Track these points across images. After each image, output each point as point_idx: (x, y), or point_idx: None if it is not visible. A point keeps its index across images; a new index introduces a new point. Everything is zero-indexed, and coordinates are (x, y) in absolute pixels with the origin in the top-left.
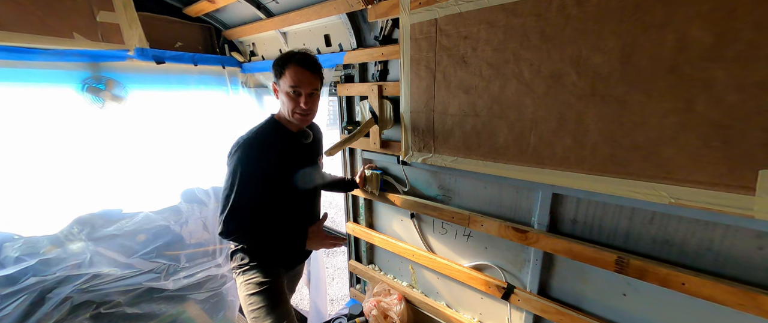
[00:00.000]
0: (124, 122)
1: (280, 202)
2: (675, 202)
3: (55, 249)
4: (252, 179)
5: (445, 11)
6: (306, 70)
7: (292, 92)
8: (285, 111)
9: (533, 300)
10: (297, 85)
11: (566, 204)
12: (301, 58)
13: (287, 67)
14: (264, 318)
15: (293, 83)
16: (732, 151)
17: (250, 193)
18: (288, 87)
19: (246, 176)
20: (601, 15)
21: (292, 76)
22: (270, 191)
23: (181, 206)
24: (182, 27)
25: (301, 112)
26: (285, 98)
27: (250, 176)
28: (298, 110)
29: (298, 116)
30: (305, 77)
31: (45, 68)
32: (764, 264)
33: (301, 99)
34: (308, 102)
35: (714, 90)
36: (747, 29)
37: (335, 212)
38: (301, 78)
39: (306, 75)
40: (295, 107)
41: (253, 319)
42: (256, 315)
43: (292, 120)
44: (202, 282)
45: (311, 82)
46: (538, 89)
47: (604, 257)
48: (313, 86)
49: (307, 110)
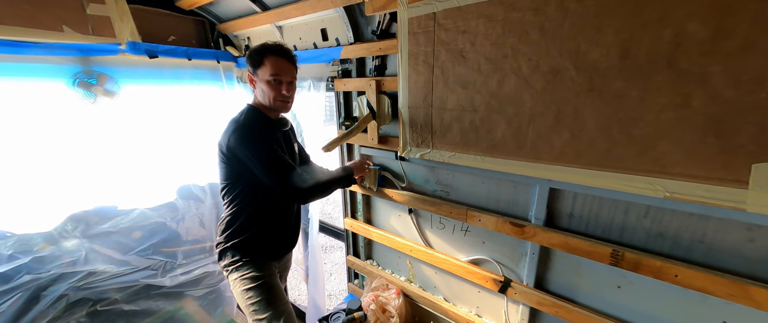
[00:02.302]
0: (118, 117)
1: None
2: (670, 196)
3: (48, 246)
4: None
5: (444, 5)
6: (285, 60)
7: (274, 80)
8: (265, 99)
9: (530, 293)
10: (278, 73)
11: (563, 199)
12: (279, 48)
13: (266, 56)
14: (263, 311)
15: (274, 71)
16: (727, 145)
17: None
18: (269, 76)
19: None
20: (600, 10)
21: (272, 65)
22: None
23: (178, 203)
24: (175, 20)
25: (282, 99)
26: (266, 87)
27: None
28: (279, 97)
29: (280, 103)
30: (285, 66)
31: (34, 62)
32: (754, 256)
33: (282, 87)
34: (289, 89)
35: (710, 85)
36: (743, 25)
37: (333, 208)
38: (281, 66)
39: (285, 64)
40: (277, 95)
41: (252, 312)
42: (255, 309)
43: (273, 107)
44: (199, 278)
45: (290, 71)
46: (536, 84)
47: (600, 250)
48: (291, 74)
49: (288, 96)
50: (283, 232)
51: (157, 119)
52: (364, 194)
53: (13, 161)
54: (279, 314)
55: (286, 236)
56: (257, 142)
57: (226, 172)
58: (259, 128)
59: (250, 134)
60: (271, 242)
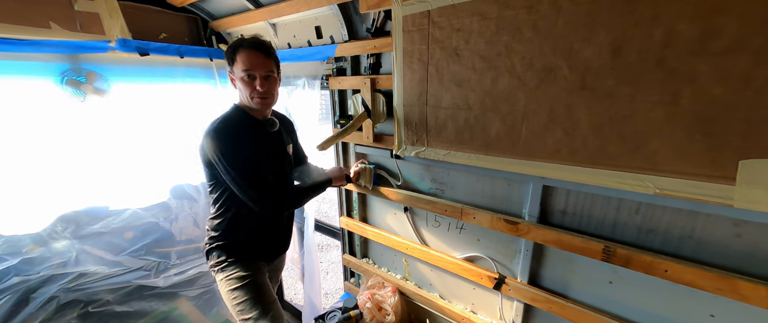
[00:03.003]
0: (108, 115)
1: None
2: (660, 192)
3: (38, 247)
4: (242, 155)
5: (438, 3)
6: (257, 52)
7: (246, 75)
8: (244, 98)
9: (524, 289)
10: (249, 68)
11: (556, 196)
12: (251, 42)
13: (238, 52)
14: (249, 311)
15: (245, 67)
16: (714, 143)
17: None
18: (241, 72)
19: (237, 155)
20: (592, 8)
21: (243, 60)
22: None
23: (171, 203)
24: (167, 17)
25: (259, 95)
26: (241, 84)
27: (239, 154)
28: (254, 94)
29: (258, 100)
30: (257, 59)
31: (20, 60)
32: (741, 250)
33: (256, 82)
34: (264, 84)
35: (698, 83)
36: (730, 25)
37: (329, 207)
38: (254, 61)
39: (258, 57)
40: (252, 92)
41: (238, 312)
42: (241, 309)
43: (252, 105)
44: (194, 278)
45: (264, 64)
46: (530, 82)
47: (592, 246)
48: (266, 67)
49: (264, 92)
50: (274, 235)
51: (149, 118)
52: (360, 193)
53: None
54: (266, 311)
55: (278, 238)
56: (229, 148)
57: (207, 173)
58: (234, 133)
59: (224, 139)
60: (262, 245)
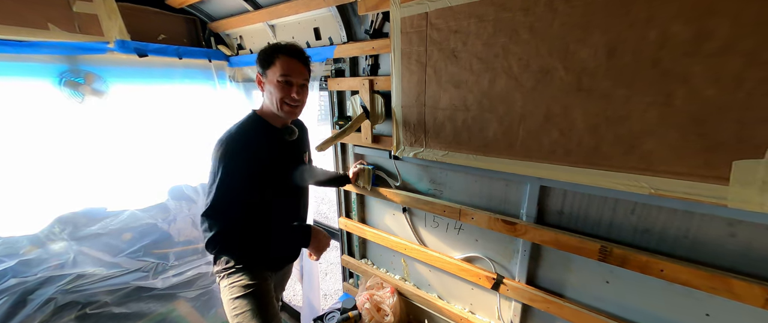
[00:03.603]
0: (106, 117)
1: (266, 202)
2: (655, 192)
3: (35, 249)
4: (237, 177)
5: (436, 5)
6: (297, 61)
7: (284, 81)
8: (272, 103)
9: (522, 289)
10: (288, 74)
11: (553, 196)
12: (292, 48)
13: (277, 56)
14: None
15: (284, 72)
16: (708, 143)
17: (235, 192)
18: (279, 76)
19: (231, 174)
20: (587, 10)
21: (283, 65)
22: (255, 191)
23: (169, 204)
24: (165, 18)
25: (291, 102)
26: (274, 89)
27: (235, 174)
28: (288, 99)
29: (288, 108)
30: (297, 67)
31: (18, 61)
32: (735, 250)
33: (292, 89)
34: (300, 92)
35: (692, 84)
36: (723, 26)
37: (328, 208)
38: (293, 67)
39: (297, 65)
40: (285, 96)
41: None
42: (239, 320)
43: (279, 113)
44: (192, 279)
45: (302, 72)
46: (526, 83)
47: (589, 246)
48: (303, 76)
49: (298, 100)
50: (287, 242)
51: (147, 119)
52: (359, 194)
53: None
54: None
55: (292, 247)
56: (221, 162)
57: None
58: (242, 148)
59: (223, 150)
60: (272, 252)
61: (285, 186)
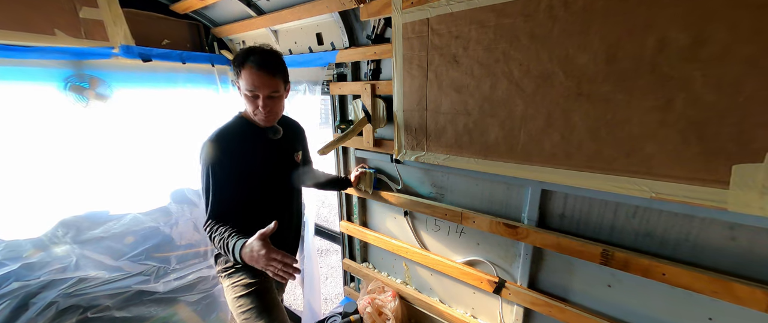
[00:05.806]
0: (110, 121)
1: (253, 200)
2: (656, 196)
3: (38, 252)
4: (223, 176)
5: (437, 11)
6: (262, 73)
7: (251, 94)
8: (247, 111)
9: (523, 293)
10: (253, 88)
11: (555, 200)
12: (258, 59)
13: (244, 67)
14: (256, 319)
15: (249, 87)
16: (708, 147)
17: (223, 191)
18: (246, 90)
19: (217, 174)
20: (587, 16)
21: (247, 78)
22: (244, 189)
23: (171, 207)
24: (169, 24)
25: (260, 114)
26: (244, 100)
27: (221, 173)
28: (256, 112)
29: (260, 117)
30: (261, 81)
31: (24, 66)
32: (736, 253)
33: (259, 101)
34: (267, 104)
35: (691, 89)
36: (721, 32)
37: (329, 211)
38: (257, 82)
39: (262, 78)
40: (254, 109)
41: (243, 321)
42: (247, 317)
43: (256, 120)
44: (193, 283)
45: (269, 84)
46: (527, 88)
47: (591, 250)
48: (271, 87)
49: (266, 112)
50: (282, 237)
51: (150, 123)
52: (360, 197)
53: (2, 166)
54: (272, 322)
55: (286, 244)
56: (206, 163)
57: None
58: (222, 143)
59: (206, 151)
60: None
61: (269, 185)
